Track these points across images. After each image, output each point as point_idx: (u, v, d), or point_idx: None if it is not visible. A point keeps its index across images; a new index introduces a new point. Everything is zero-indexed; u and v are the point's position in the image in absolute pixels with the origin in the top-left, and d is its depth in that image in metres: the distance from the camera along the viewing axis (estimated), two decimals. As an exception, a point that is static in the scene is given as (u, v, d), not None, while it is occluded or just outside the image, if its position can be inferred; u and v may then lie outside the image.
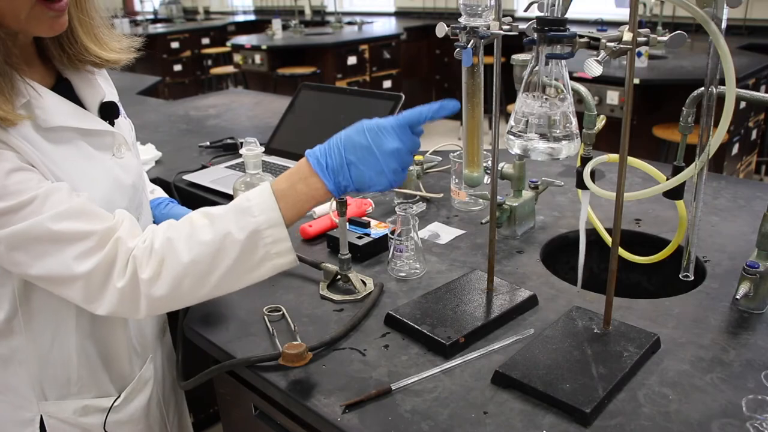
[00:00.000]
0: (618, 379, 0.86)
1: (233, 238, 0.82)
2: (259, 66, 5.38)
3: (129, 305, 0.83)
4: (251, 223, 0.83)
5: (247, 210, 0.84)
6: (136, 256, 0.82)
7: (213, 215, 0.85)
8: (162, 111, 2.75)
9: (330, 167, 0.84)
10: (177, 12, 8.45)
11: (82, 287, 0.81)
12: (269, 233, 0.83)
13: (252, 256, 0.84)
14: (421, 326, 0.99)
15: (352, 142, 0.84)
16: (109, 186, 0.93)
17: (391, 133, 0.84)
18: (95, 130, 0.93)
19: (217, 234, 0.82)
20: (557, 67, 0.85)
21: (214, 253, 0.82)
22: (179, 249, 0.82)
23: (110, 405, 1.02)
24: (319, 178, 0.84)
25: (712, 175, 1.68)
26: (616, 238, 0.91)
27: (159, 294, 0.82)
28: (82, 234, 0.80)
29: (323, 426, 0.85)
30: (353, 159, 0.84)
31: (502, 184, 1.38)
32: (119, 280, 0.81)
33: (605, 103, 3.35)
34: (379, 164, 0.83)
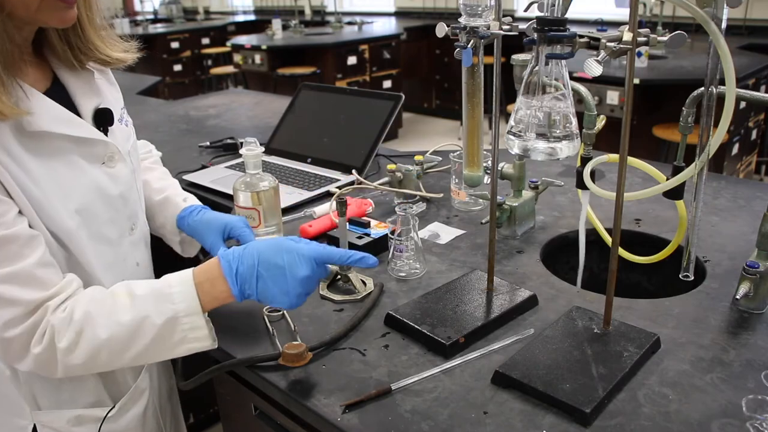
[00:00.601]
0: (618, 379, 0.86)
1: (151, 322, 0.85)
2: (259, 66, 5.38)
3: (46, 369, 0.85)
4: (170, 310, 0.85)
5: (168, 297, 0.86)
6: (54, 325, 0.83)
7: (135, 295, 0.87)
8: (162, 111, 2.75)
9: (239, 274, 0.87)
10: (177, 12, 8.46)
11: (2, 349, 0.84)
12: (187, 321, 0.86)
13: (169, 339, 0.86)
14: (421, 326, 0.99)
15: (267, 258, 0.88)
16: (91, 196, 0.91)
17: (307, 262, 0.88)
18: (86, 139, 0.91)
19: (135, 316, 0.84)
20: (557, 67, 0.85)
21: (131, 333, 0.85)
22: (97, 325, 0.84)
23: (104, 415, 1.01)
24: (226, 281, 0.87)
25: (712, 175, 1.68)
26: (616, 238, 0.91)
27: (75, 363, 0.84)
28: (17, 301, 0.81)
29: (323, 426, 0.85)
30: (264, 274, 0.87)
31: (502, 184, 1.38)
32: (36, 346, 0.83)
33: (605, 103, 3.35)
34: (287, 285, 0.87)
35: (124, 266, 1.01)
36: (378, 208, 1.51)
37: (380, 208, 1.51)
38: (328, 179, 1.69)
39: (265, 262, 0.87)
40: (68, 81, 0.94)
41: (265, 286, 0.87)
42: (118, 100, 1.04)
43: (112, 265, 0.98)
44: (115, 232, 0.97)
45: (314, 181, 1.68)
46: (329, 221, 1.38)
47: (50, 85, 0.92)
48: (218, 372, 0.95)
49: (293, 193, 1.60)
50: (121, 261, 1.00)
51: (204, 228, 1.12)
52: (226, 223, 1.12)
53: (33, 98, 0.86)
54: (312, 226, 1.36)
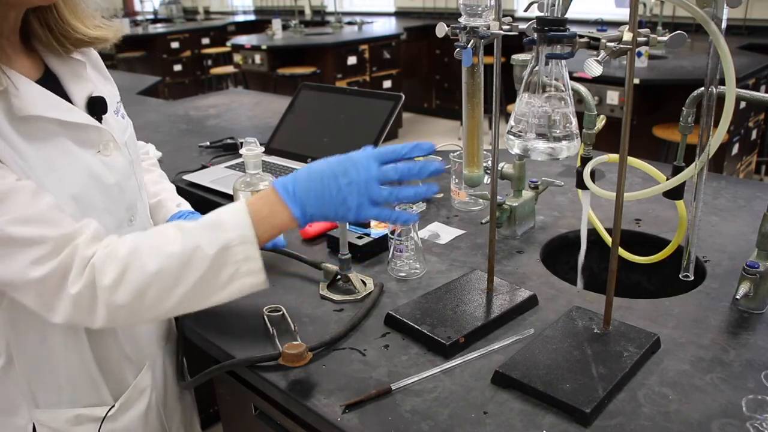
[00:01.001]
0: (618, 379, 0.86)
1: (202, 252, 0.81)
2: (259, 66, 5.38)
3: (85, 313, 0.81)
4: (223, 239, 0.81)
5: (220, 225, 0.82)
6: (95, 263, 0.79)
7: (184, 228, 0.83)
8: (162, 111, 2.75)
9: (297, 196, 0.84)
10: (177, 12, 8.46)
11: (36, 294, 0.80)
12: (240, 250, 0.82)
13: (220, 272, 0.82)
14: (421, 326, 0.99)
15: (319, 170, 0.84)
16: (86, 184, 0.90)
17: (356, 164, 0.83)
18: (78, 124, 0.91)
19: (186, 246, 0.81)
20: (557, 67, 0.85)
21: (182, 265, 0.80)
22: (145, 258, 0.80)
23: (104, 414, 0.99)
24: (286, 205, 0.84)
25: (712, 175, 1.68)
26: (616, 238, 0.91)
27: (120, 302, 0.80)
28: (38, 239, 0.78)
29: (323, 426, 0.85)
30: (319, 188, 0.83)
31: (502, 184, 1.38)
32: (73, 286, 0.79)
33: (605, 103, 3.35)
34: (342, 194, 0.82)
35: None
36: (378, 208, 1.51)
37: (380, 208, 1.51)
38: (328, 179, 1.68)
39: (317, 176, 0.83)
40: (59, 70, 0.94)
41: (322, 200, 0.82)
42: (113, 94, 1.03)
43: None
44: (112, 222, 0.96)
45: (314, 181, 1.68)
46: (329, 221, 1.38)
47: (42, 75, 0.92)
48: (218, 372, 0.95)
49: (293, 193, 1.60)
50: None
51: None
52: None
53: (23, 85, 0.85)
54: (312, 226, 1.36)
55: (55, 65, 0.94)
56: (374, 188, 0.83)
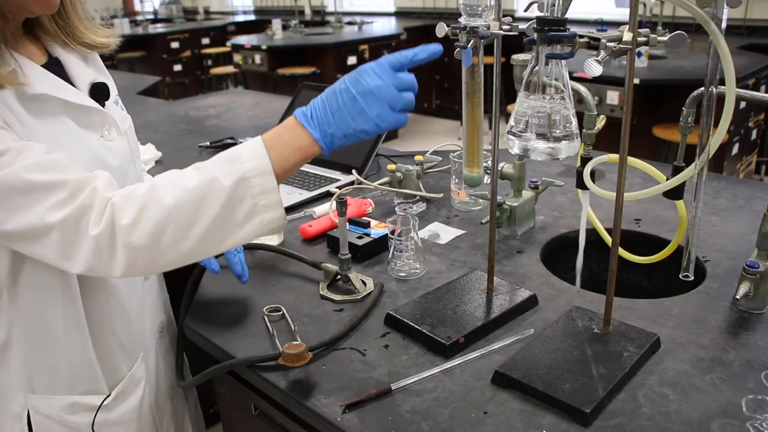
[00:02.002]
0: (618, 379, 0.86)
1: (220, 185, 0.79)
2: (259, 66, 5.38)
3: (105, 257, 0.79)
4: (239, 170, 0.80)
5: (236, 157, 0.81)
6: (116, 203, 0.78)
7: (200, 165, 0.83)
8: (162, 111, 2.75)
9: (315, 117, 0.83)
10: (177, 12, 8.46)
11: (56, 239, 0.78)
12: (258, 182, 0.80)
13: (239, 207, 0.80)
14: (421, 326, 0.99)
15: (333, 90, 0.83)
16: (91, 165, 0.90)
17: (369, 73, 0.81)
18: (82, 106, 0.92)
19: (203, 179, 0.80)
20: (557, 67, 0.85)
21: (199, 199, 0.79)
22: (162, 193, 0.79)
23: (100, 403, 0.99)
24: (305, 128, 0.83)
25: (712, 175, 1.68)
26: (616, 238, 0.91)
27: (138, 242, 0.78)
28: (56, 183, 0.78)
29: (323, 426, 0.85)
30: (335, 104, 0.82)
31: (502, 184, 1.38)
32: (94, 227, 0.77)
33: (605, 103, 3.35)
34: (358, 104, 0.81)
35: None
36: (378, 208, 1.51)
37: (380, 208, 1.51)
38: (328, 179, 1.69)
39: (332, 95, 0.82)
40: (63, 57, 0.96)
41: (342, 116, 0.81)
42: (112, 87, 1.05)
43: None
44: None
45: (314, 181, 1.68)
46: (329, 221, 1.38)
47: (46, 60, 0.94)
48: (218, 372, 0.95)
49: (293, 193, 1.60)
50: None
51: None
52: None
53: (30, 68, 0.87)
54: (312, 226, 1.36)
55: (58, 52, 0.96)
56: (393, 93, 0.82)
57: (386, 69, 0.82)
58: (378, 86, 0.81)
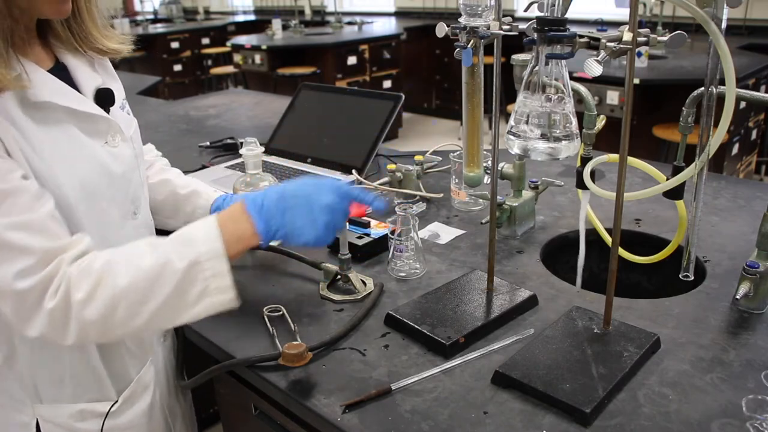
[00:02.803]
0: (618, 379, 0.86)
1: (173, 267, 0.82)
2: (259, 66, 5.38)
3: (58, 329, 0.81)
4: (192, 253, 0.83)
5: (190, 240, 0.84)
6: (72, 278, 0.80)
7: (156, 243, 0.85)
8: (162, 111, 2.75)
9: (265, 208, 0.85)
10: (177, 12, 8.46)
11: (15, 303, 0.80)
12: (210, 266, 0.83)
13: (191, 288, 0.83)
14: (421, 326, 0.99)
15: (291, 189, 0.86)
16: (94, 172, 0.91)
17: (330, 190, 0.86)
18: (86, 114, 0.92)
19: (157, 260, 0.82)
20: (557, 67, 0.85)
21: (153, 280, 0.81)
22: (117, 272, 0.81)
23: (107, 410, 1.00)
24: (251, 217, 0.85)
25: (712, 175, 1.68)
26: (616, 238, 0.91)
27: (91, 318, 0.80)
28: (29, 249, 0.78)
29: (323, 426, 0.85)
30: (288, 204, 0.85)
31: (502, 184, 1.38)
32: (50, 301, 0.79)
33: (605, 103, 3.35)
34: (312, 213, 0.84)
35: None
36: (378, 208, 1.51)
37: (380, 208, 1.51)
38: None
39: (290, 194, 0.85)
40: (70, 62, 0.96)
41: (292, 217, 0.84)
42: (119, 90, 1.05)
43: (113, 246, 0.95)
44: (118, 213, 0.97)
45: (314, 181, 1.68)
46: (329, 221, 1.37)
47: (53, 65, 0.94)
48: (218, 372, 0.95)
49: (293, 193, 1.60)
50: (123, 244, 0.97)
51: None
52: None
53: (35, 73, 0.87)
54: (312, 226, 1.36)
55: (66, 58, 0.96)
56: (340, 218, 0.87)
57: (343, 194, 0.88)
58: (333, 206, 0.85)
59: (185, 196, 1.19)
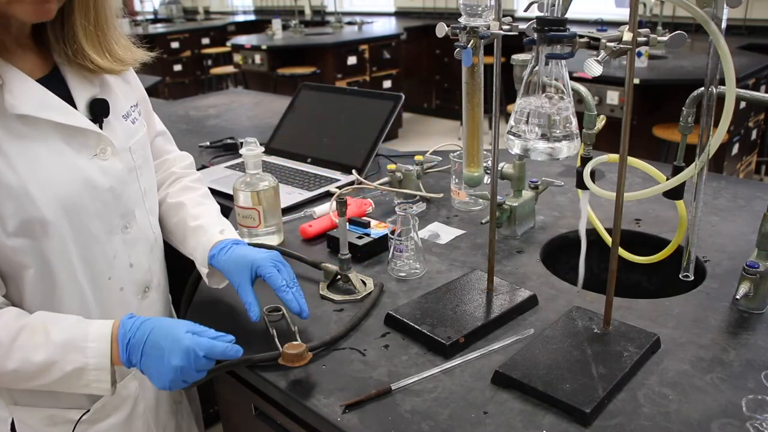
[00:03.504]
0: (618, 379, 0.86)
1: (60, 367, 0.86)
2: (259, 66, 5.38)
3: None
4: (80, 361, 0.87)
5: (82, 349, 0.87)
6: None
7: (49, 334, 0.87)
8: (162, 111, 2.75)
9: (130, 345, 0.89)
10: (177, 12, 8.46)
11: None
12: (94, 374, 0.88)
13: (73, 383, 0.88)
14: (421, 326, 0.99)
15: (154, 338, 0.88)
16: (75, 187, 0.90)
17: (184, 353, 0.86)
18: (73, 127, 0.90)
19: (46, 359, 0.86)
20: (557, 67, 0.85)
21: (38, 372, 0.86)
22: (8, 356, 0.85)
23: (78, 417, 0.99)
24: (118, 346, 0.89)
25: (712, 175, 1.68)
26: (616, 238, 0.91)
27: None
28: None
29: (323, 426, 0.85)
30: (147, 351, 0.88)
31: (502, 184, 1.38)
32: None
33: (605, 103, 3.35)
34: (162, 368, 0.87)
35: (113, 264, 0.98)
36: (378, 208, 1.51)
37: (380, 208, 1.51)
38: (328, 179, 1.69)
39: (151, 342, 0.88)
40: (66, 71, 0.94)
41: (147, 363, 0.88)
42: (128, 96, 1.03)
43: (96, 261, 0.95)
44: (103, 228, 0.95)
45: (314, 181, 1.68)
46: (329, 221, 1.38)
47: (48, 73, 0.92)
48: (218, 372, 0.95)
49: (293, 193, 1.60)
50: (110, 258, 0.97)
51: (232, 267, 1.04)
52: (253, 262, 1.02)
53: (20, 83, 0.85)
54: (312, 226, 1.36)
55: (63, 66, 0.94)
56: (191, 375, 0.88)
57: (196, 355, 0.86)
58: (182, 368, 0.86)
59: (193, 229, 1.13)
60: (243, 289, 1.01)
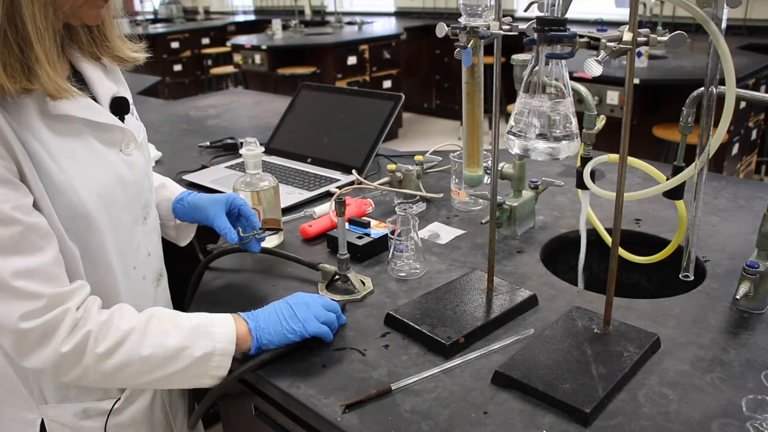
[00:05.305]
0: (618, 379, 0.86)
1: (190, 353, 0.89)
2: (259, 66, 5.38)
3: (63, 369, 0.85)
4: (209, 346, 0.91)
5: (211, 334, 0.91)
6: (93, 330, 0.84)
7: (179, 324, 0.91)
8: (162, 111, 2.75)
9: (256, 314, 0.97)
10: (177, 12, 8.45)
11: (16, 340, 0.82)
12: (217, 360, 0.91)
13: (193, 371, 0.90)
14: (421, 326, 0.99)
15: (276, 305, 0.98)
16: (111, 181, 0.94)
17: (304, 296, 0.97)
18: (104, 124, 0.94)
19: (180, 344, 0.89)
20: (557, 67, 0.85)
21: (168, 358, 0.88)
22: (143, 340, 0.87)
23: (110, 407, 1.01)
24: (244, 320, 0.96)
25: (712, 175, 1.68)
26: (616, 238, 0.91)
27: (102, 370, 0.85)
28: (35, 295, 0.81)
29: (323, 426, 0.85)
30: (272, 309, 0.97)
31: (502, 184, 1.38)
32: (64, 345, 0.82)
33: (605, 103, 3.35)
34: (290, 309, 0.96)
35: (137, 254, 1.02)
36: (378, 208, 1.51)
37: (380, 208, 1.51)
38: (328, 179, 1.69)
39: (272, 308, 0.97)
40: (86, 71, 0.97)
41: (275, 317, 0.95)
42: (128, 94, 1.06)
43: (126, 251, 0.99)
44: (130, 219, 0.99)
45: (314, 181, 1.68)
46: (329, 221, 1.38)
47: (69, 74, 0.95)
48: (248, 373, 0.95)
49: (293, 193, 1.60)
50: (135, 248, 1.01)
51: (205, 202, 1.15)
52: (227, 198, 1.16)
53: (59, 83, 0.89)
54: (312, 226, 1.36)
55: (82, 66, 0.97)
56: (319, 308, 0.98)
57: (316, 297, 1.00)
58: (308, 301, 0.97)
59: (156, 188, 1.22)
60: (219, 219, 1.13)
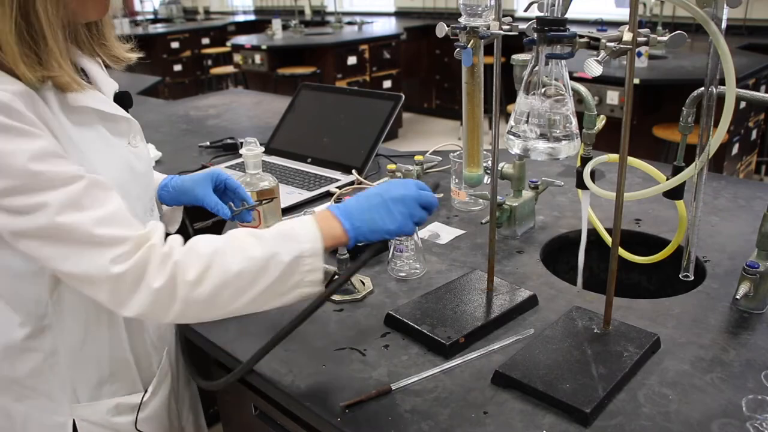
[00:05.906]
0: (618, 379, 0.86)
1: (279, 259, 0.86)
2: (259, 66, 5.38)
3: (161, 307, 0.83)
4: (297, 249, 0.87)
5: (294, 236, 0.88)
6: (178, 260, 0.83)
7: (260, 235, 0.88)
8: (162, 111, 2.75)
9: (348, 209, 0.91)
10: (177, 12, 8.45)
11: (113, 288, 0.82)
12: (309, 261, 0.87)
13: (288, 280, 0.87)
14: (421, 326, 0.99)
15: (366, 193, 0.93)
16: (124, 172, 0.95)
17: (398, 185, 0.92)
18: (114, 116, 0.95)
19: (266, 252, 0.86)
20: (557, 67, 0.85)
21: (259, 270, 0.85)
22: (228, 258, 0.84)
23: (140, 401, 1.02)
24: (339, 220, 0.90)
25: (712, 175, 1.68)
26: (616, 238, 0.91)
27: (198, 298, 0.83)
28: (120, 239, 0.81)
29: (323, 426, 0.85)
30: (367, 205, 0.91)
31: (502, 184, 1.38)
32: (156, 280, 0.81)
33: (605, 103, 3.35)
34: (387, 206, 0.90)
35: None
36: (378, 208, 1.51)
37: (380, 208, 1.51)
38: (328, 179, 1.69)
39: (365, 195, 0.93)
40: (87, 66, 0.98)
41: (371, 214, 0.91)
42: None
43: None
44: (141, 209, 1.00)
45: (314, 181, 1.68)
46: (329, 221, 1.37)
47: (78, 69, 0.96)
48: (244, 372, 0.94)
49: (293, 193, 1.60)
50: None
51: (190, 183, 1.15)
52: (210, 174, 1.16)
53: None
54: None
55: (83, 63, 0.98)
56: (415, 208, 0.92)
57: (412, 185, 0.94)
58: (404, 195, 0.92)
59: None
60: (209, 197, 1.13)
